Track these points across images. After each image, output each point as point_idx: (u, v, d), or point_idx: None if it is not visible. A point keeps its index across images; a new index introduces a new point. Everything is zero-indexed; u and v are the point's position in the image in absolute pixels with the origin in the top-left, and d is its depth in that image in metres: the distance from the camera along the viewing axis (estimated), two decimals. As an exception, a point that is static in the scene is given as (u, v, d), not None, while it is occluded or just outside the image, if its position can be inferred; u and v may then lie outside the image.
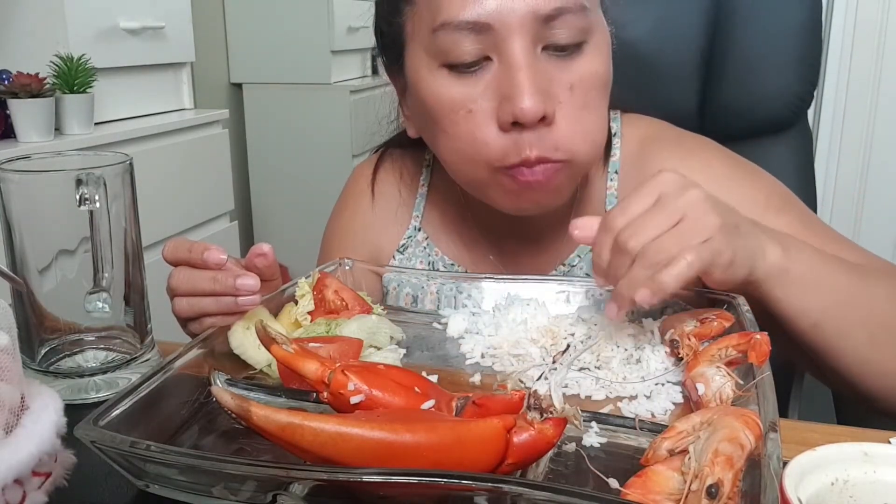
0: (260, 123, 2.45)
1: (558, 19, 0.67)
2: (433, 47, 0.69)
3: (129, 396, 0.50)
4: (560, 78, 0.68)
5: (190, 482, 0.46)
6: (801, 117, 1.04)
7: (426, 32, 0.69)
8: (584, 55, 0.69)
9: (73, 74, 1.47)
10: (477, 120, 0.69)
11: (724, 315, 0.62)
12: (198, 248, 0.64)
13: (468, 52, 0.67)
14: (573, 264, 0.82)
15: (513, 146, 0.68)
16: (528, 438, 0.44)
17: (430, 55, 0.70)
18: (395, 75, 0.79)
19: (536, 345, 0.66)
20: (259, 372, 0.61)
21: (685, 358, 0.59)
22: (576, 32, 0.68)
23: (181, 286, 0.64)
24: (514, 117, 0.66)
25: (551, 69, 0.68)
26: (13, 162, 0.60)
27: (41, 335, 0.61)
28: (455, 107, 0.69)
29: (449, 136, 0.71)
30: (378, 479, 0.41)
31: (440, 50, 0.68)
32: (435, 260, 0.85)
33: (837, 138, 2.24)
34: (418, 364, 0.64)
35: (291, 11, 2.34)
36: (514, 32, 0.66)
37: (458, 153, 0.72)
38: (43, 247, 0.60)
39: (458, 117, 0.69)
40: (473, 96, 0.69)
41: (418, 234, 0.86)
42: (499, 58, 0.67)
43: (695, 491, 0.40)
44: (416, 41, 0.72)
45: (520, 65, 0.66)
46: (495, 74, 0.68)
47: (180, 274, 0.64)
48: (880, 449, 0.39)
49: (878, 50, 2.16)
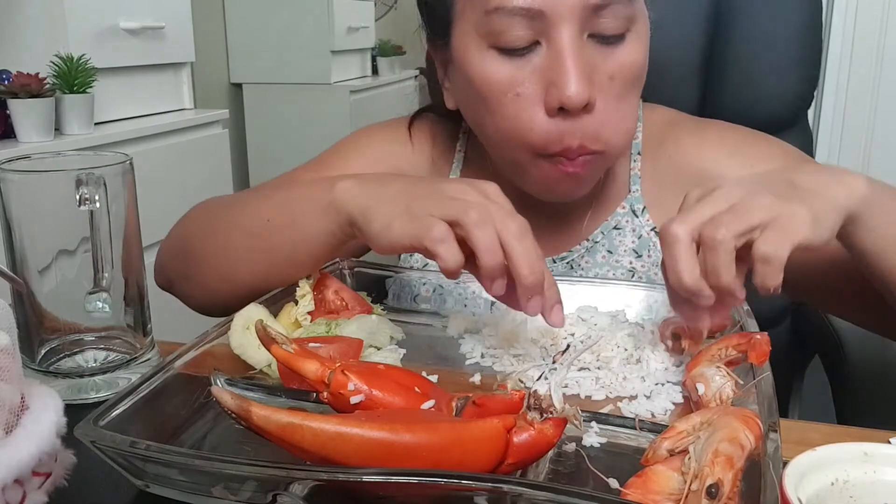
0: (260, 123, 2.45)
1: (607, 8, 0.68)
2: (484, 28, 0.70)
3: (129, 396, 0.50)
4: (602, 66, 0.70)
5: (190, 482, 0.46)
6: (801, 117, 1.04)
7: (479, 13, 0.70)
8: (626, 44, 0.71)
9: (73, 74, 1.47)
10: (523, 104, 0.70)
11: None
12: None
13: (520, 36, 0.69)
14: (596, 240, 0.83)
15: (556, 133, 0.70)
16: (528, 438, 0.44)
17: (480, 35, 0.71)
18: (437, 48, 0.80)
19: (536, 345, 0.66)
20: (259, 372, 0.61)
21: (686, 349, 0.59)
22: (622, 22, 0.69)
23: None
24: (561, 103, 0.68)
25: (595, 56, 0.70)
26: (13, 162, 0.59)
27: (41, 335, 0.61)
28: (503, 88, 0.71)
29: (494, 117, 0.73)
30: (378, 479, 0.41)
31: (492, 31, 0.70)
32: None
33: (837, 138, 2.24)
34: (418, 364, 0.64)
35: (291, 11, 2.34)
36: (564, 19, 0.67)
37: (502, 133, 0.73)
38: (43, 247, 0.60)
39: (507, 99, 0.71)
40: (521, 79, 0.70)
41: None
42: (548, 43, 0.69)
43: (695, 491, 0.40)
44: (466, 20, 0.72)
45: (568, 51, 0.68)
46: (543, 59, 0.69)
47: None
48: (880, 449, 0.39)
49: (878, 50, 2.16)
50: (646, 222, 0.82)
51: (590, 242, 0.83)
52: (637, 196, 0.82)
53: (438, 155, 0.90)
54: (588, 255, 0.83)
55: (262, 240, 0.70)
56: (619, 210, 0.83)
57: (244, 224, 0.73)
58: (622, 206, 0.83)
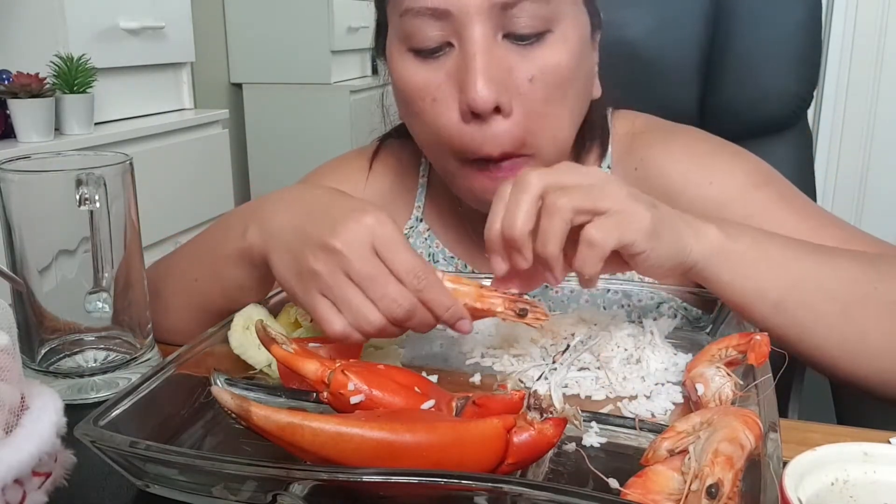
0: (260, 123, 2.44)
1: (517, 6, 0.66)
2: (402, 31, 0.70)
3: (129, 396, 0.50)
4: (520, 67, 0.67)
5: (190, 482, 0.46)
6: (801, 117, 1.04)
7: (396, 16, 0.70)
8: (546, 45, 0.68)
9: (73, 74, 1.47)
10: (440, 108, 0.69)
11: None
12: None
13: (430, 37, 0.68)
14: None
15: (471, 138, 0.68)
16: (528, 438, 0.44)
17: (399, 39, 0.71)
18: (383, 59, 0.79)
19: (536, 345, 0.66)
20: (259, 372, 0.61)
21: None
22: (537, 21, 0.67)
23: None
24: (468, 106, 0.66)
25: (511, 58, 0.67)
26: (13, 162, 0.60)
27: (41, 335, 0.61)
28: (421, 93, 0.70)
29: (418, 122, 0.72)
30: (378, 479, 0.41)
31: (406, 34, 0.69)
32: (435, 252, 0.85)
33: (837, 138, 2.24)
34: (418, 364, 0.64)
35: (291, 11, 2.34)
36: (472, 19, 0.66)
37: (426, 138, 0.73)
38: (43, 247, 0.60)
39: (425, 104, 0.70)
40: (437, 83, 0.69)
41: (420, 224, 0.86)
42: (459, 44, 0.67)
43: (695, 491, 0.40)
44: (392, 25, 0.73)
45: (475, 51, 0.66)
46: (455, 61, 0.68)
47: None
48: (880, 449, 0.39)
49: (878, 50, 2.16)
50: None
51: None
52: None
53: (401, 181, 0.89)
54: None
55: (199, 296, 0.70)
56: None
57: (180, 287, 0.72)
58: None
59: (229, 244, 0.65)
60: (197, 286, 0.70)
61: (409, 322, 0.56)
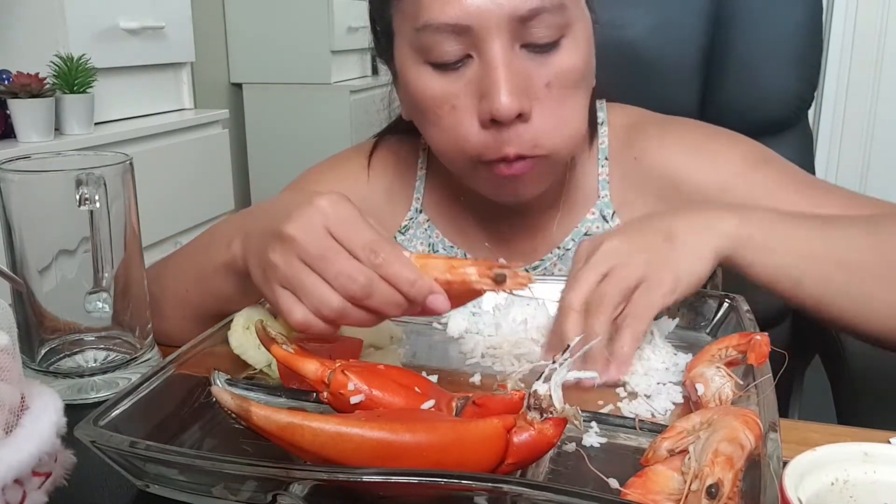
0: (260, 123, 2.44)
1: (536, 19, 0.68)
2: (417, 44, 0.71)
3: (129, 396, 0.50)
4: (538, 74, 0.69)
5: (190, 482, 0.46)
6: (801, 117, 1.04)
7: (411, 30, 0.71)
8: (561, 50, 0.70)
9: (73, 74, 1.47)
10: (459, 116, 0.71)
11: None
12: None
13: (450, 51, 0.69)
14: (567, 248, 0.83)
15: (492, 142, 0.70)
16: (528, 438, 0.44)
17: (414, 51, 0.72)
18: (386, 61, 0.81)
19: (537, 345, 0.66)
20: (259, 372, 0.61)
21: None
22: (553, 30, 0.69)
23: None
24: (492, 115, 0.68)
25: (529, 66, 0.69)
26: (13, 162, 0.60)
27: (41, 335, 0.61)
28: (439, 102, 0.71)
29: (434, 128, 0.74)
30: (378, 479, 0.41)
31: (423, 47, 0.70)
32: (435, 242, 0.86)
33: (837, 138, 2.24)
34: (418, 364, 0.64)
35: (291, 11, 2.34)
36: (492, 33, 0.67)
37: (443, 143, 0.74)
38: (43, 247, 0.60)
39: (443, 112, 0.71)
40: (456, 92, 0.70)
41: (419, 215, 0.87)
42: (479, 56, 0.69)
43: (695, 491, 0.40)
44: (402, 36, 0.73)
45: (497, 63, 0.67)
46: (476, 72, 0.69)
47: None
48: (880, 449, 0.39)
49: (878, 50, 2.16)
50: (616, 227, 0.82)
51: (561, 250, 0.83)
52: (606, 201, 0.82)
53: (401, 175, 0.90)
54: (561, 263, 0.82)
55: (192, 307, 0.71)
56: (589, 216, 0.82)
57: (172, 295, 0.73)
58: (591, 212, 0.82)
59: (217, 256, 0.65)
60: (189, 296, 0.71)
61: (370, 300, 0.53)
